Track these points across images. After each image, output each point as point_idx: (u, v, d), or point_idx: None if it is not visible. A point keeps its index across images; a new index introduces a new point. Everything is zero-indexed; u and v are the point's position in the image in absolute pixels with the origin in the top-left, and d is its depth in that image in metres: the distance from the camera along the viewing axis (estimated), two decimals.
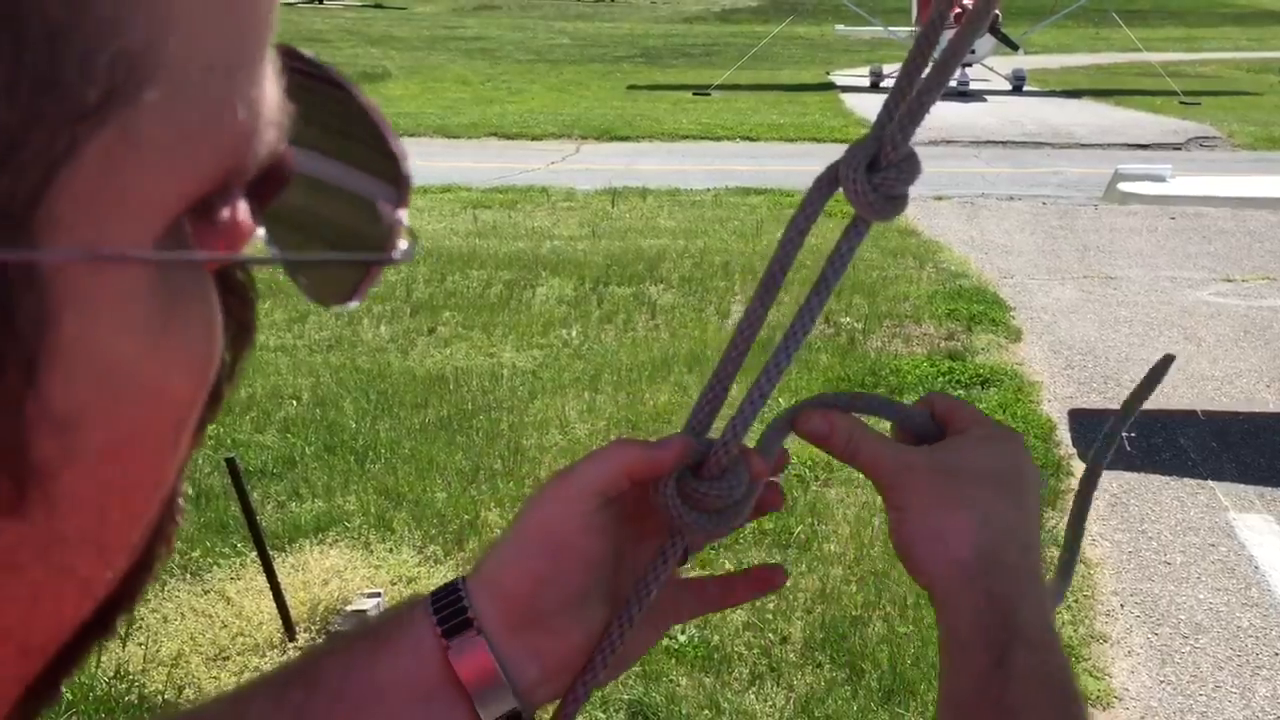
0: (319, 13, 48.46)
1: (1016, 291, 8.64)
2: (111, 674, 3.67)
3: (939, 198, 12.32)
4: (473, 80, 24.63)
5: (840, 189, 0.62)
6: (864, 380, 6.39)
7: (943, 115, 19.39)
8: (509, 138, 16.65)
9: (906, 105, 0.62)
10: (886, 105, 0.62)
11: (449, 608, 0.63)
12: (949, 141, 16.62)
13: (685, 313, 7.74)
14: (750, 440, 0.68)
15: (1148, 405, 0.85)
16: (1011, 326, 7.66)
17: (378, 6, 53.22)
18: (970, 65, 22.03)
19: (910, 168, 0.61)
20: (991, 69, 22.99)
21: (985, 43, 21.53)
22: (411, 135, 16.68)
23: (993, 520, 0.71)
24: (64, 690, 0.58)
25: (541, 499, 0.66)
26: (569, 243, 9.73)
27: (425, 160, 14.48)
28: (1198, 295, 8.58)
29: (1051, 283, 8.95)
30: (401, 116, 18.18)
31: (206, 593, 4.15)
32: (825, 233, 0.68)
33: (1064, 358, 7.12)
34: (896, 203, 0.62)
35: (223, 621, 3.96)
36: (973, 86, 22.09)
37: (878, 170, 0.62)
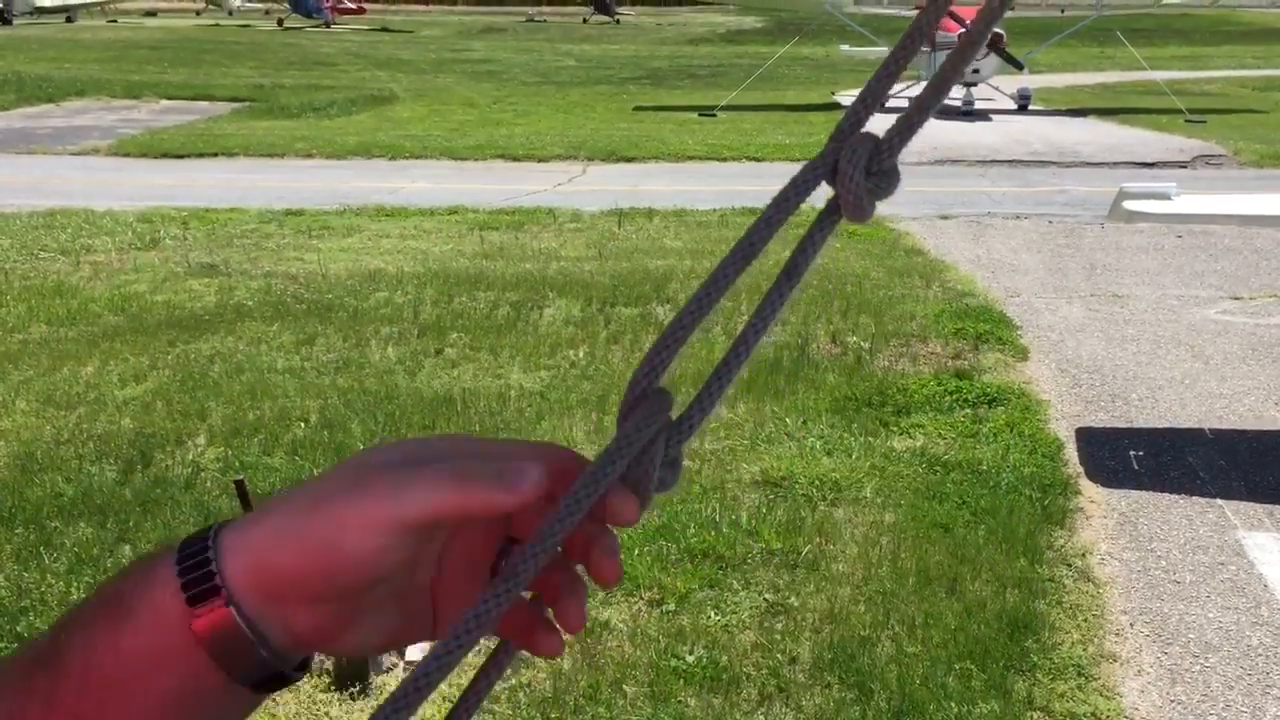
0: (326, 36, 48.76)
1: (1023, 310, 8.64)
2: None
3: (945, 217, 12.33)
4: (479, 102, 24.74)
5: (828, 180, 0.61)
6: (871, 399, 6.39)
7: (948, 134, 19.41)
8: (515, 159, 16.71)
9: (904, 118, 0.62)
10: (860, 101, 0.61)
11: (196, 570, 0.58)
12: (955, 161, 16.64)
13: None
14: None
15: (1157, 423, 0.85)
16: (1019, 345, 7.66)
17: (384, 30, 53.52)
18: (975, 85, 22.08)
19: (893, 178, 0.61)
20: (997, 88, 23.03)
21: (990, 62, 21.57)
22: (418, 158, 16.76)
23: None
24: None
25: (355, 501, 0.57)
26: (576, 264, 9.76)
27: (432, 183, 14.55)
28: (1205, 313, 8.57)
29: (1058, 301, 8.95)
30: (408, 139, 18.27)
31: None
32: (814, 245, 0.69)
33: (1071, 376, 7.12)
34: (872, 209, 0.62)
35: None
36: (978, 106, 22.11)
37: (869, 174, 0.62)
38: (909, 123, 0.61)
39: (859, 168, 0.60)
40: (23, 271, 9.42)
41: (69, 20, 54.36)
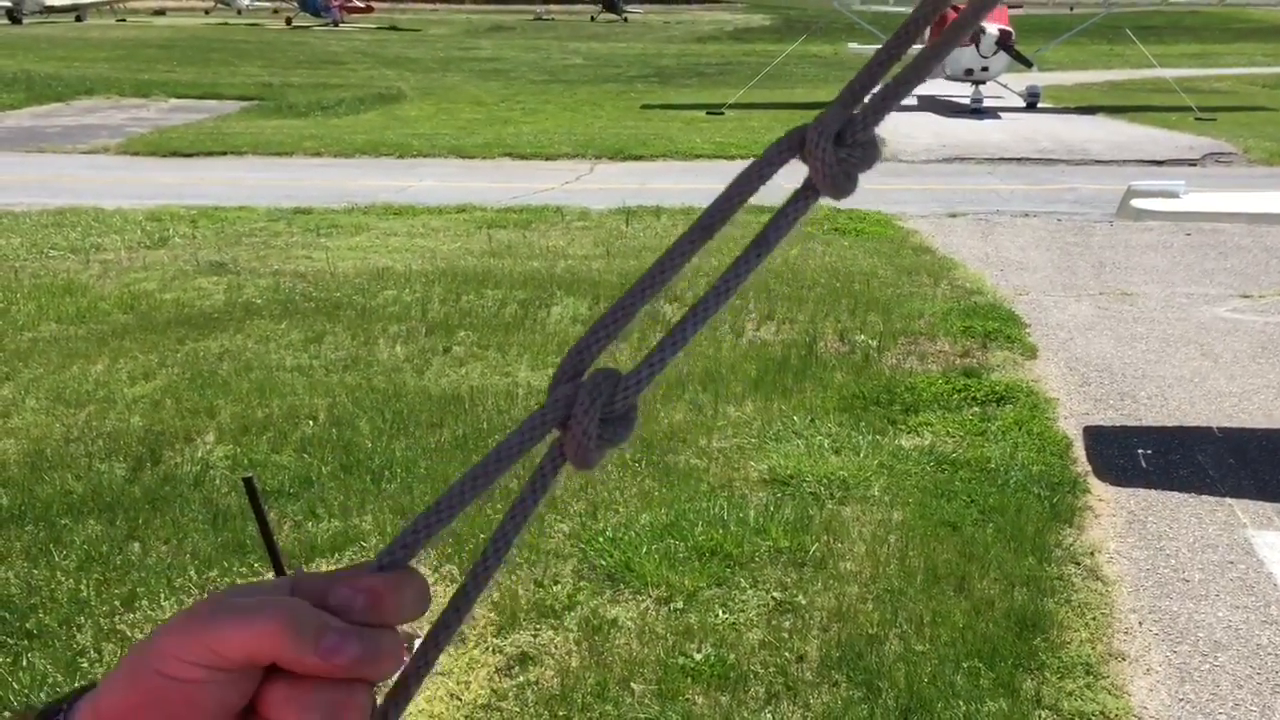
0: (335, 35, 48.82)
1: (1032, 308, 8.62)
2: None
3: (953, 215, 12.31)
4: (487, 101, 24.76)
5: (799, 155, 0.60)
6: (879, 398, 6.38)
7: (956, 132, 19.38)
8: (523, 158, 16.71)
9: (881, 92, 0.61)
10: (852, 83, 0.61)
11: None
12: (963, 159, 16.61)
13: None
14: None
15: (1166, 421, 0.84)
16: (1027, 343, 7.64)
17: (392, 29, 53.56)
18: (984, 82, 22.03)
19: (872, 152, 0.60)
20: (1006, 86, 22.98)
21: (999, 60, 21.51)
22: (426, 156, 16.78)
23: None
24: None
25: (180, 638, 0.56)
26: (583, 262, 9.76)
27: (440, 181, 14.56)
28: (1214, 311, 8.55)
29: (1067, 299, 8.93)
30: (416, 138, 18.29)
31: None
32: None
33: (1080, 374, 7.10)
34: (851, 182, 0.60)
35: None
36: (987, 104, 22.08)
37: (842, 145, 0.60)
38: (884, 97, 0.60)
39: (827, 137, 0.59)
40: (32, 270, 9.45)
41: (78, 19, 54.46)
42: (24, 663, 3.85)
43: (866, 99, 0.60)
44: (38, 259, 9.91)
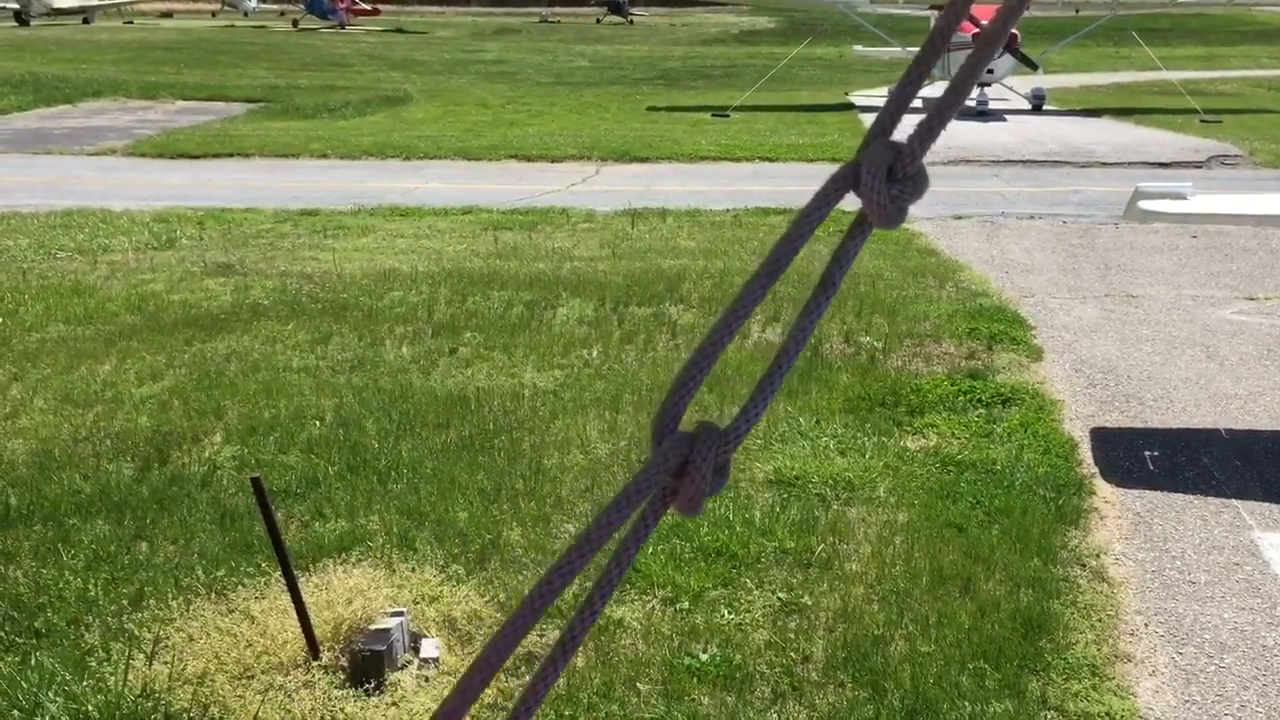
0: (341, 38, 48.89)
1: (1037, 310, 8.62)
2: (138, 692, 3.70)
3: (958, 217, 12.31)
4: (493, 103, 24.78)
5: (855, 190, 0.63)
6: (884, 399, 6.38)
7: (961, 134, 19.36)
8: (529, 160, 16.73)
9: (926, 121, 0.63)
10: (885, 108, 0.63)
11: None
12: (968, 161, 16.60)
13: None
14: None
15: (1172, 423, 0.85)
16: (1032, 345, 7.64)
17: (398, 31, 53.64)
18: (989, 85, 22.01)
19: (921, 184, 0.62)
20: (1011, 88, 22.97)
21: (1004, 62, 21.50)
22: (433, 158, 16.81)
23: None
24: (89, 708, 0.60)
25: None
26: (589, 263, 9.77)
27: (446, 183, 14.58)
28: (1220, 314, 8.54)
29: (1073, 301, 8.93)
30: (422, 139, 18.32)
31: (231, 612, 4.18)
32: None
33: (1085, 376, 7.10)
34: (903, 215, 0.64)
35: (247, 640, 3.98)
36: (992, 106, 22.05)
37: (894, 181, 0.63)
38: (929, 127, 0.62)
39: (880, 177, 0.61)
40: (40, 271, 9.48)
41: (86, 21, 54.58)
42: (32, 662, 3.87)
43: (913, 130, 0.62)
44: (45, 260, 9.94)
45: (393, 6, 63.04)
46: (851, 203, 0.65)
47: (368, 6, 59.49)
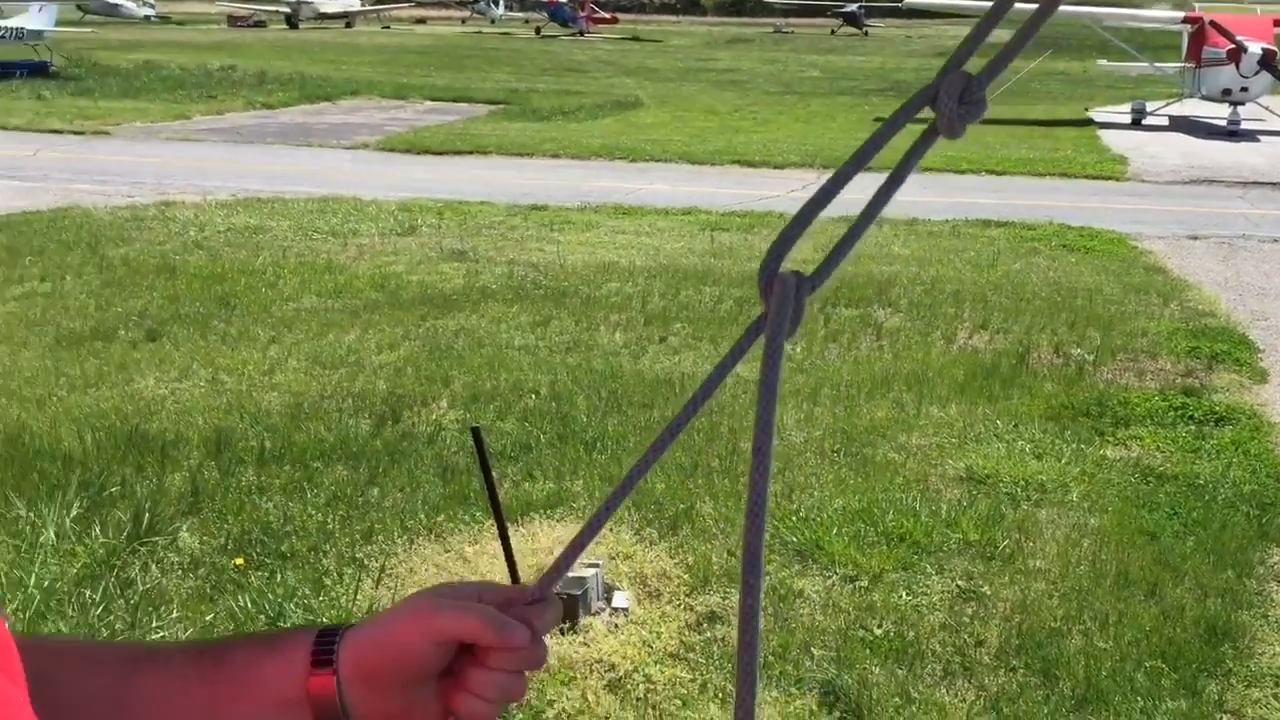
0: (580, 45, 50.52)
1: (1269, 334, 8.26)
2: (364, 610, 4.17)
3: (1194, 237, 11.83)
4: (720, 110, 25.19)
5: (931, 105, 0.82)
6: (1089, 409, 6.33)
7: (1208, 154, 18.45)
8: (751, 165, 17.01)
9: (995, 59, 0.82)
10: (964, 42, 0.82)
11: (325, 648, 0.86)
12: (1211, 181, 15.84)
13: (910, 335, 7.83)
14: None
15: None
16: (1257, 368, 7.36)
17: (635, 39, 54.95)
18: (1243, 103, 20.85)
19: (982, 108, 0.82)
20: (1267, 108, 21.68)
21: (1261, 80, 20.32)
22: (658, 161, 17.31)
23: None
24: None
25: (413, 615, 0.85)
26: (800, 264, 9.92)
27: (669, 184, 15.03)
28: None
29: None
30: (649, 143, 18.87)
31: (447, 552, 4.62)
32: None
33: None
34: (963, 130, 0.83)
35: (460, 576, 4.40)
36: (1244, 125, 20.89)
37: (963, 103, 0.83)
38: (996, 63, 0.82)
39: (954, 97, 0.82)
40: (298, 250, 10.42)
41: (348, 26, 58.33)
42: (278, 579, 4.40)
43: (985, 64, 0.82)
44: (303, 240, 10.90)
45: (630, 16, 64.52)
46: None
47: (607, 16, 61.10)
